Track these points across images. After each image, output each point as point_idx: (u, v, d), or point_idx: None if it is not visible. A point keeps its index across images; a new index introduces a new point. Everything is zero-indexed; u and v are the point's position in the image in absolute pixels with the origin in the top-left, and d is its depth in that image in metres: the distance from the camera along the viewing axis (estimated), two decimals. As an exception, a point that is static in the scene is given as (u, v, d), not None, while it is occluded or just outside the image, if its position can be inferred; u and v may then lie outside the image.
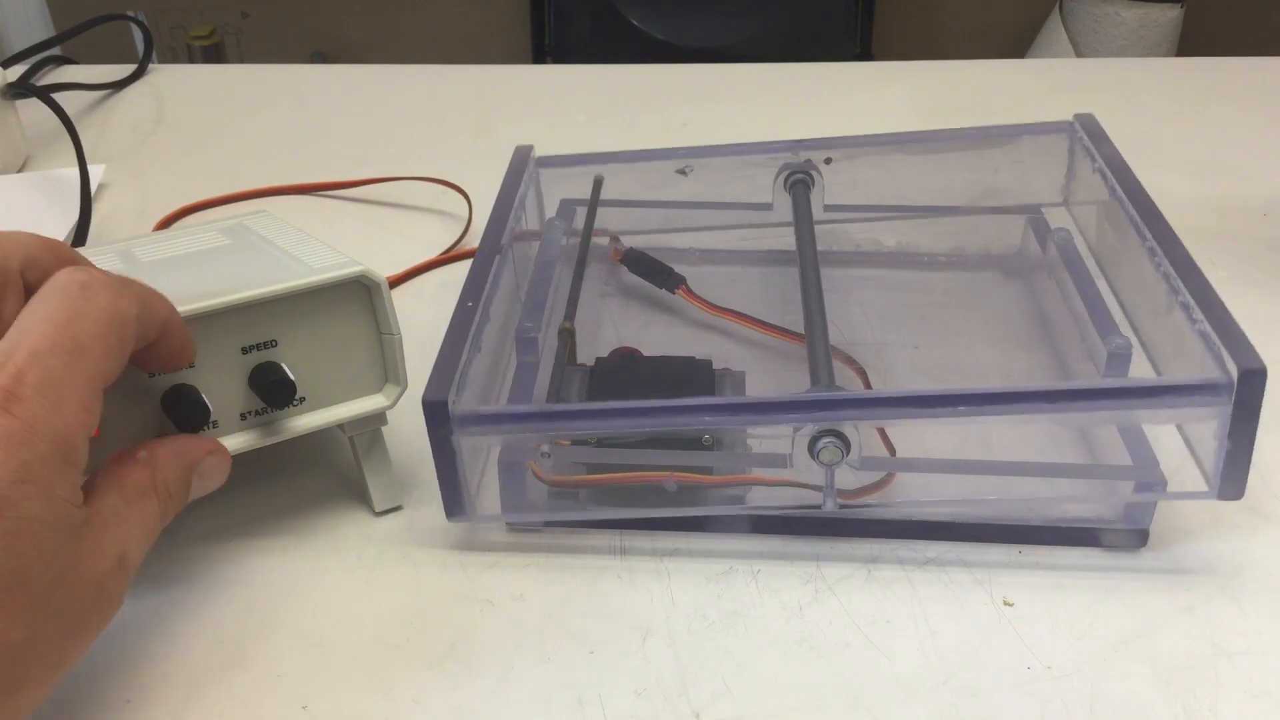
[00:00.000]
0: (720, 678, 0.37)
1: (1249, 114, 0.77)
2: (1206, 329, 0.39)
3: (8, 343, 0.31)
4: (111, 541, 0.32)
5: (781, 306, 0.53)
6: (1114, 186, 0.49)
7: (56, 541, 0.30)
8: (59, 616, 0.31)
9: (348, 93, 0.83)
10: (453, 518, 0.41)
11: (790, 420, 0.39)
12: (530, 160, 0.55)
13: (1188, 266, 0.42)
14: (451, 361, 0.40)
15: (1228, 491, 0.39)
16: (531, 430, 0.40)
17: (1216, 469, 0.38)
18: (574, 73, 0.87)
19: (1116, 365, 0.44)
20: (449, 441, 0.39)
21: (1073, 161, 0.54)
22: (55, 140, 0.73)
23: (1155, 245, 0.44)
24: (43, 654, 0.31)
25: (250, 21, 2.07)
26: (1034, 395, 0.38)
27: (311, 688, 0.37)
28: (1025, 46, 2.01)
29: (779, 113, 0.79)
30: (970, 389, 0.38)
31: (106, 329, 0.32)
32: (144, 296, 0.34)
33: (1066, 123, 0.54)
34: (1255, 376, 0.37)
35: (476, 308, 0.43)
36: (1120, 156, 0.50)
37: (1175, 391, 0.38)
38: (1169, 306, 0.42)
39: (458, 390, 0.39)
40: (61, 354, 0.31)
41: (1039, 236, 0.54)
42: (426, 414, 0.39)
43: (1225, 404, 0.37)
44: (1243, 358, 0.37)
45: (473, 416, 0.39)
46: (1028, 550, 0.42)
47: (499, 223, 0.49)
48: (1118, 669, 0.37)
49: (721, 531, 0.43)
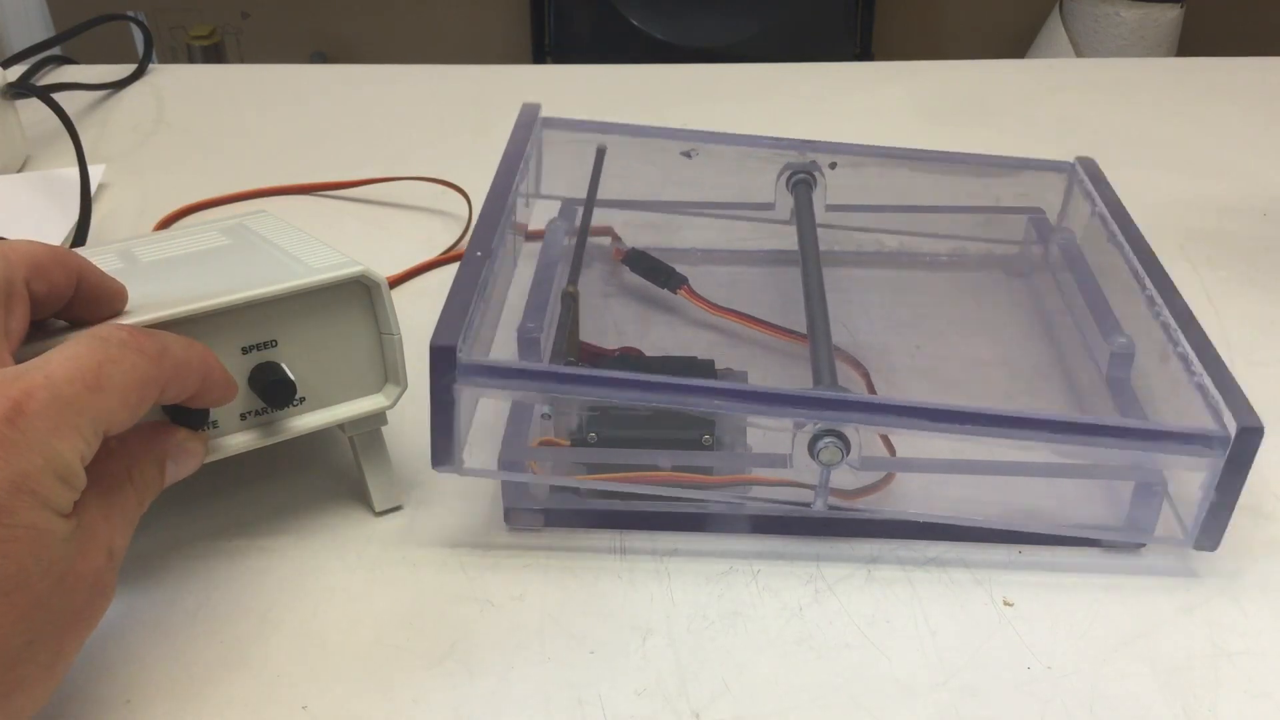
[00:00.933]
0: (720, 678, 0.37)
1: (1249, 114, 0.77)
2: (1205, 382, 0.39)
3: (29, 365, 0.31)
4: (100, 539, 0.33)
5: (784, 307, 0.53)
6: (1114, 232, 0.49)
7: (51, 549, 0.31)
8: (54, 618, 0.31)
9: (348, 93, 0.83)
10: (438, 466, 0.40)
11: (794, 414, 0.38)
12: (537, 119, 0.54)
13: (1186, 318, 0.43)
14: (460, 310, 0.39)
15: (1204, 543, 0.39)
16: (535, 388, 0.39)
17: (1197, 520, 0.39)
18: (574, 73, 0.87)
19: (1119, 364, 0.44)
20: (449, 389, 0.38)
21: (1068, 201, 0.55)
22: (55, 140, 0.73)
23: (1155, 294, 0.44)
24: (40, 654, 0.31)
25: (250, 21, 2.07)
26: (1040, 424, 0.38)
27: (311, 688, 0.37)
28: (1025, 46, 2.01)
29: (779, 113, 0.79)
30: (979, 409, 0.38)
31: (129, 386, 0.33)
32: (180, 364, 0.35)
33: (1066, 163, 0.54)
34: (1252, 435, 0.37)
35: (486, 257, 0.43)
36: (1119, 201, 0.51)
37: (1176, 438, 0.38)
38: (1166, 357, 0.42)
39: (465, 338, 0.39)
40: (78, 386, 0.31)
41: (1041, 236, 0.54)
42: (432, 358, 0.38)
43: (1219, 457, 0.38)
44: (1241, 415, 0.37)
45: (478, 367, 0.38)
46: (1028, 550, 0.42)
47: (505, 179, 0.48)
48: (1118, 669, 0.37)
49: (721, 531, 0.43)
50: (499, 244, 0.44)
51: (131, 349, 0.33)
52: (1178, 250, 0.60)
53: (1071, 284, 0.49)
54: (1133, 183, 0.57)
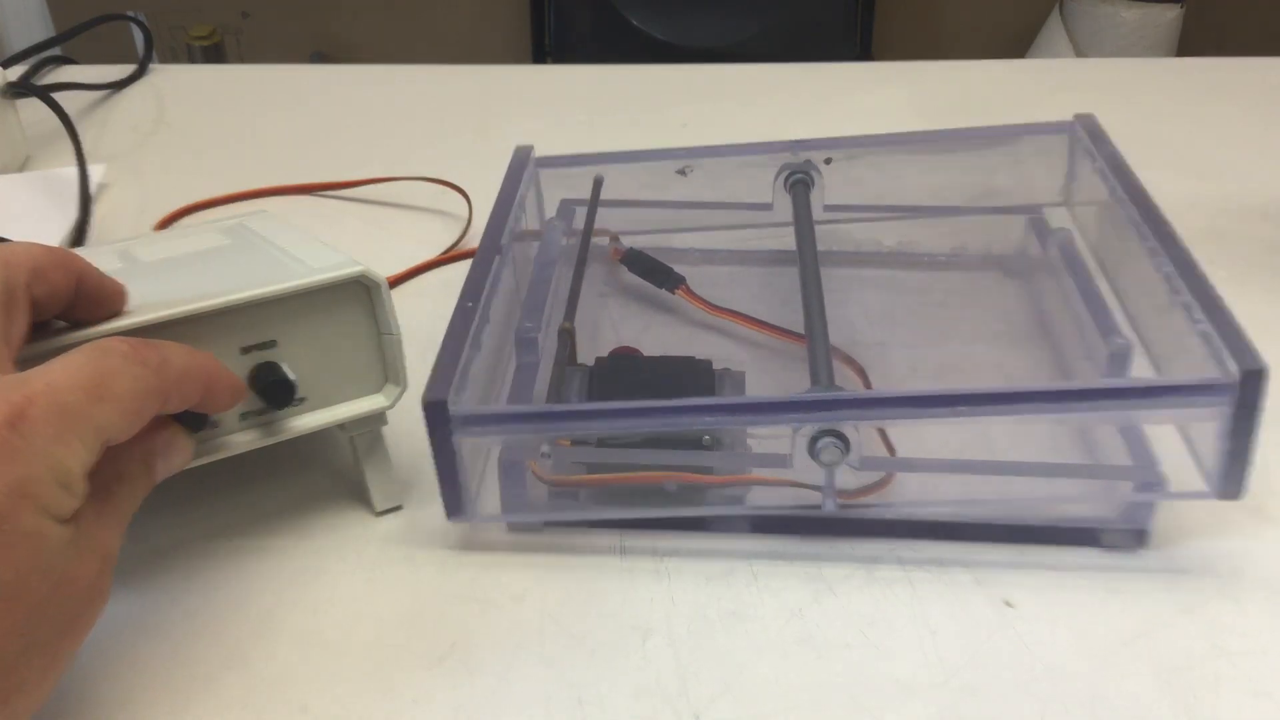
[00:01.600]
0: (720, 678, 0.37)
1: (1249, 114, 0.77)
2: (1208, 329, 0.39)
3: (32, 372, 0.31)
4: (96, 543, 0.33)
5: (781, 307, 0.53)
6: (1114, 187, 0.49)
7: (50, 555, 0.31)
8: (54, 622, 0.31)
9: (348, 93, 0.83)
10: (453, 518, 0.41)
11: (790, 420, 0.39)
12: (530, 160, 0.55)
13: (1188, 267, 0.42)
14: (451, 361, 0.40)
15: (1227, 491, 0.39)
16: (531, 430, 0.40)
17: (1216, 469, 0.38)
18: (574, 73, 0.87)
19: (1117, 365, 0.44)
20: (449, 442, 0.39)
21: (1073, 162, 0.54)
22: (55, 140, 0.73)
23: (1156, 245, 0.44)
24: (37, 658, 0.31)
25: (250, 21, 2.07)
26: (1035, 395, 0.38)
27: (311, 688, 0.37)
28: (1025, 46, 2.01)
29: (779, 113, 0.79)
30: (971, 389, 0.38)
31: (130, 397, 0.33)
32: (182, 375, 0.35)
33: (1067, 123, 0.54)
34: (1256, 377, 0.37)
35: (476, 308, 0.43)
36: (1120, 157, 0.50)
37: (1176, 391, 0.38)
38: (1170, 307, 0.42)
39: (457, 390, 0.39)
40: (79, 394, 0.31)
41: (1039, 236, 0.54)
42: (426, 414, 0.39)
43: (1226, 404, 0.37)
44: (1244, 358, 0.37)
45: (472, 417, 0.39)
46: (1028, 550, 0.42)
47: (499, 222, 0.49)
48: (1118, 669, 0.37)
49: (721, 531, 0.43)
50: (493, 291, 0.45)
51: (133, 361, 0.33)
52: (1177, 250, 0.60)
53: (1069, 284, 0.49)
54: (1132, 183, 0.56)
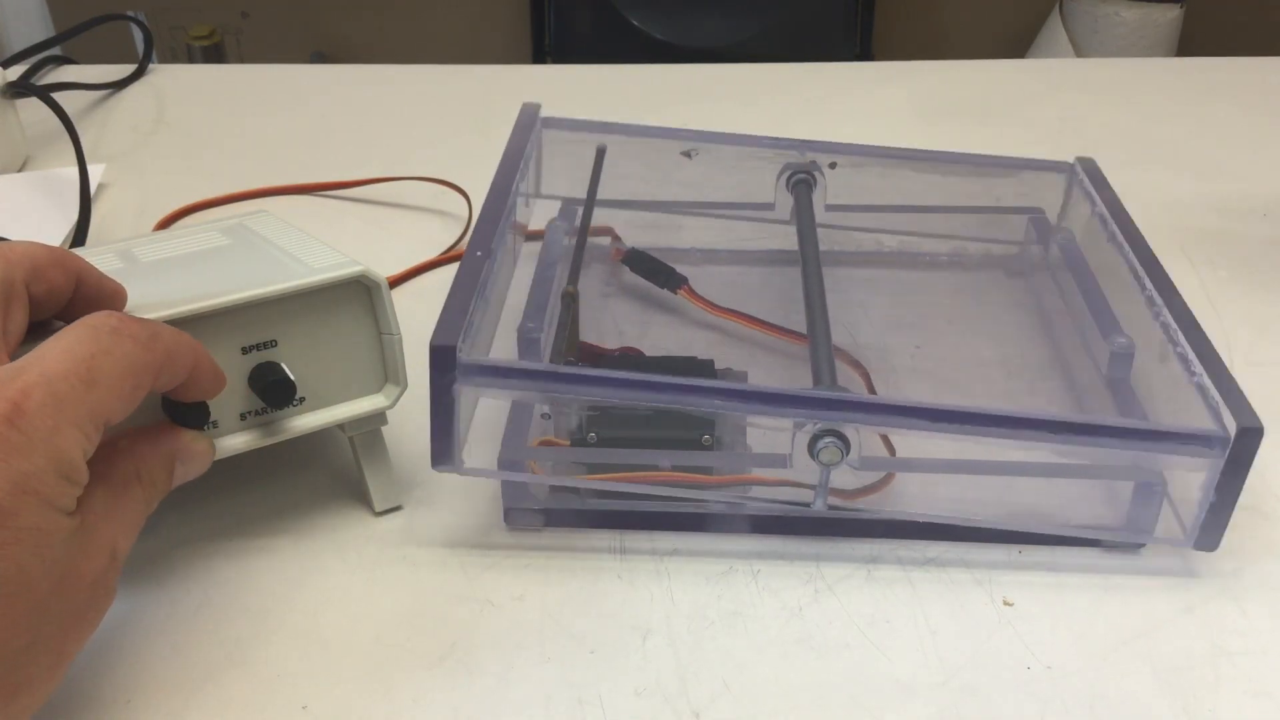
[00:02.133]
0: (720, 678, 0.37)
1: (1249, 114, 0.77)
2: (1205, 382, 0.39)
3: (24, 362, 0.31)
4: (103, 538, 0.33)
5: (784, 307, 0.53)
6: (1113, 232, 0.49)
7: (54, 549, 0.31)
8: (57, 619, 0.31)
9: (348, 93, 0.83)
10: (439, 465, 0.40)
11: (795, 414, 0.38)
12: (537, 120, 0.54)
13: (1186, 318, 0.43)
14: (460, 310, 0.39)
15: (1204, 543, 0.39)
16: (535, 388, 0.39)
17: (1197, 520, 0.39)
18: (574, 73, 0.87)
19: (1119, 364, 0.44)
20: (449, 389, 0.38)
21: (1068, 201, 0.55)
22: (55, 140, 0.73)
23: (1155, 294, 0.44)
24: (41, 655, 0.31)
25: (250, 21, 2.07)
26: (1040, 424, 0.38)
27: (311, 688, 0.37)
28: (1025, 46, 2.01)
29: (779, 113, 0.79)
30: (979, 409, 0.38)
31: (123, 373, 0.33)
32: (171, 349, 0.34)
33: (1066, 163, 0.54)
34: (1252, 435, 0.37)
35: (486, 257, 0.42)
36: (1119, 201, 0.51)
37: (1176, 439, 0.38)
38: (1166, 357, 0.42)
39: (465, 338, 0.39)
40: (73, 381, 0.31)
41: (1041, 236, 0.54)
42: (432, 358, 0.38)
43: (1219, 457, 0.38)
44: (1242, 415, 0.37)
45: (478, 367, 0.38)
46: (1028, 550, 0.42)
47: (505, 179, 0.48)
48: (1118, 669, 0.37)
49: (721, 531, 0.43)
50: (499, 244, 0.44)
51: (123, 336, 0.33)
52: (1178, 250, 0.60)
53: (1071, 284, 0.49)
54: (1133, 183, 0.57)
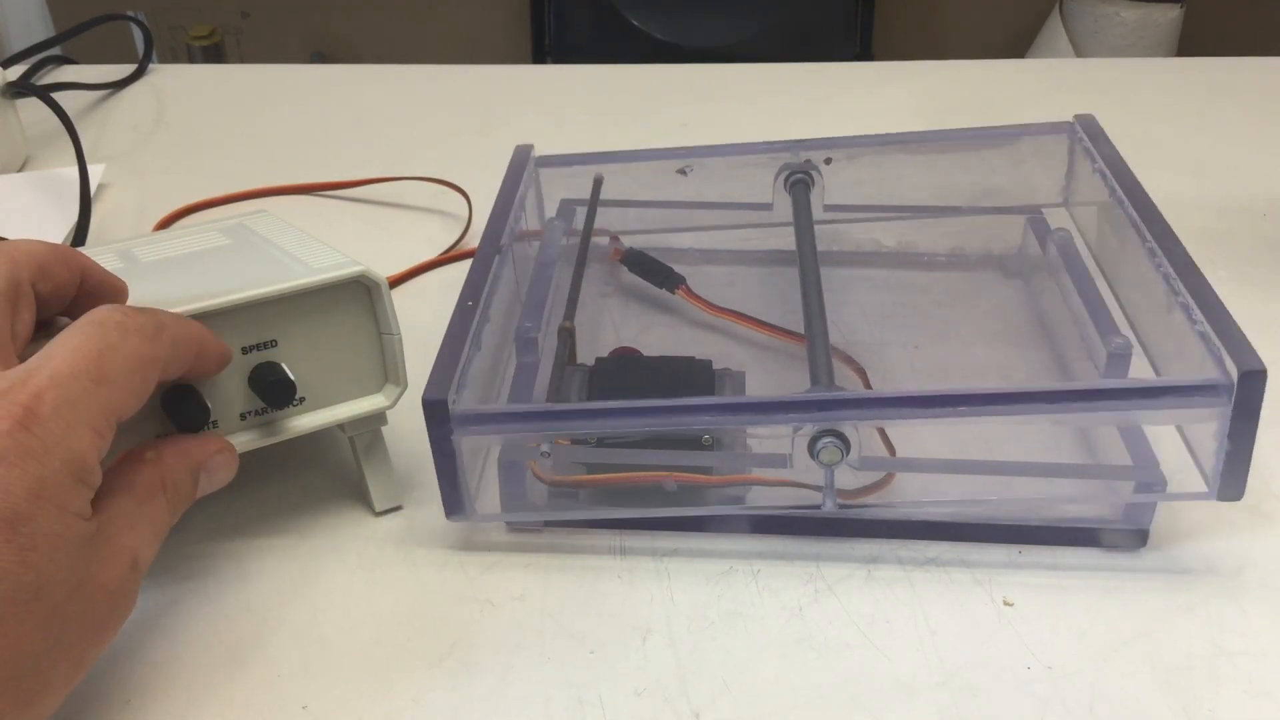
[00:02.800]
0: (720, 678, 0.37)
1: (1249, 114, 0.77)
2: (1206, 330, 0.39)
3: (32, 364, 0.31)
4: (124, 546, 0.33)
5: (781, 306, 0.53)
6: (1114, 187, 0.49)
7: (71, 554, 0.31)
8: (76, 624, 0.31)
9: (348, 93, 0.83)
10: (452, 517, 0.41)
11: (790, 420, 0.39)
12: (530, 160, 0.55)
13: (1188, 267, 0.42)
14: (451, 361, 0.40)
15: (1227, 492, 0.39)
16: (531, 430, 0.40)
17: (1216, 470, 0.38)
18: (574, 73, 0.87)
19: (1116, 365, 0.44)
20: (449, 441, 0.39)
21: (1073, 162, 0.54)
22: (55, 140, 0.73)
23: (1155, 246, 0.44)
24: (60, 662, 0.31)
25: (250, 21, 2.07)
26: (1034, 396, 0.38)
27: (311, 688, 0.37)
28: (1025, 46, 2.01)
29: (779, 113, 0.79)
30: (970, 389, 0.38)
31: (133, 369, 0.33)
32: (176, 338, 0.35)
33: (1066, 123, 0.54)
34: (1255, 378, 0.37)
35: (476, 307, 0.43)
36: (1120, 157, 0.50)
37: (1175, 392, 0.38)
38: (1169, 307, 0.42)
39: (457, 389, 0.39)
40: (84, 380, 0.31)
41: (1039, 237, 0.54)
42: (426, 413, 0.39)
43: (1225, 405, 0.37)
44: (1243, 359, 0.37)
45: (472, 416, 0.39)
46: (1028, 550, 0.42)
47: (499, 222, 0.49)
48: (1118, 669, 0.37)
49: (721, 531, 0.43)
50: (493, 290, 0.45)
51: (129, 330, 0.33)
52: (1177, 250, 0.60)
53: (1069, 284, 0.49)
54: (1132, 183, 0.56)
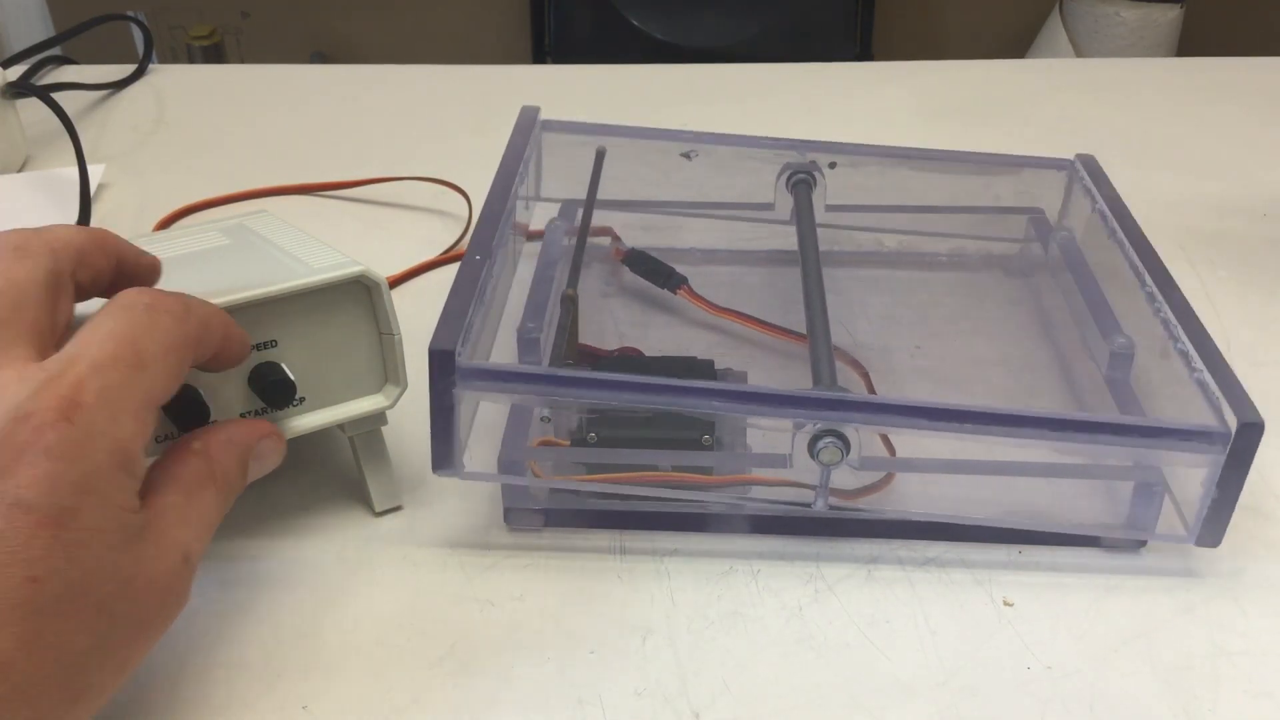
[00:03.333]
0: (720, 678, 0.37)
1: (1249, 114, 0.77)
2: (1206, 378, 0.39)
3: (69, 353, 0.31)
4: (174, 541, 0.32)
5: (783, 307, 0.53)
6: (1114, 229, 0.49)
7: (119, 549, 0.30)
8: (125, 621, 0.31)
9: (348, 93, 0.83)
10: (439, 470, 0.40)
11: (794, 415, 0.38)
12: (536, 122, 0.54)
13: (1187, 314, 0.43)
14: (459, 314, 0.39)
15: (1206, 539, 0.39)
16: (534, 391, 0.39)
17: (1199, 516, 0.39)
18: (574, 73, 0.87)
19: (1119, 364, 0.44)
20: (449, 394, 0.38)
21: (1068, 200, 0.54)
22: (55, 140, 0.73)
23: (1155, 291, 0.44)
24: (108, 659, 0.31)
25: (250, 21, 2.07)
26: (1039, 422, 0.38)
27: (311, 688, 0.37)
28: (1025, 46, 2.01)
29: (779, 113, 0.79)
30: (977, 407, 0.38)
31: (168, 350, 0.32)
32: (205, 320, 0.34)
33: (1066, 160, 0.54)
34: (1253, 430, 0.37)
35: (485, 261, 0.42)
36: (1119, 198, 0.51)
37: (1176, 435, 0.38)
38: (1166, 353, 0.42)
39: (464, 342, 0.39)
40: (122, 367, 0.31)
41: (1041, 236, 0.54)
42: (431, 362, 0.38)
43: (1220, 453, 0.38)
44: (1242, 410, 0.37)
45: (478, 371, 0.38)
46: (1028, 550, 0.42)
47: (505, 181, 0.48)
48: (1118, 669, 0.37)
49: (721, 531, 0.43)
50: (498, 247, 0.44)
51: (159, 311, 0.33)
52: (1178, 250, 0.60)
53: (1071, 284, 0.49)
54: (1133, 183, 0.57)
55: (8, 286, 0.32)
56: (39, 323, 0.32)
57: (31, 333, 0.32)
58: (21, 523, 0.28)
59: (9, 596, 0.28)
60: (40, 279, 0.33)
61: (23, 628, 0.28)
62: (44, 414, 0.29)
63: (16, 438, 0.29)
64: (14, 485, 0.28)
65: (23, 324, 0.32)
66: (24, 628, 0.28)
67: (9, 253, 0.33)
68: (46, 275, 0.33)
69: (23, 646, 0.28)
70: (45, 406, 0.29)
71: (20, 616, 0.28)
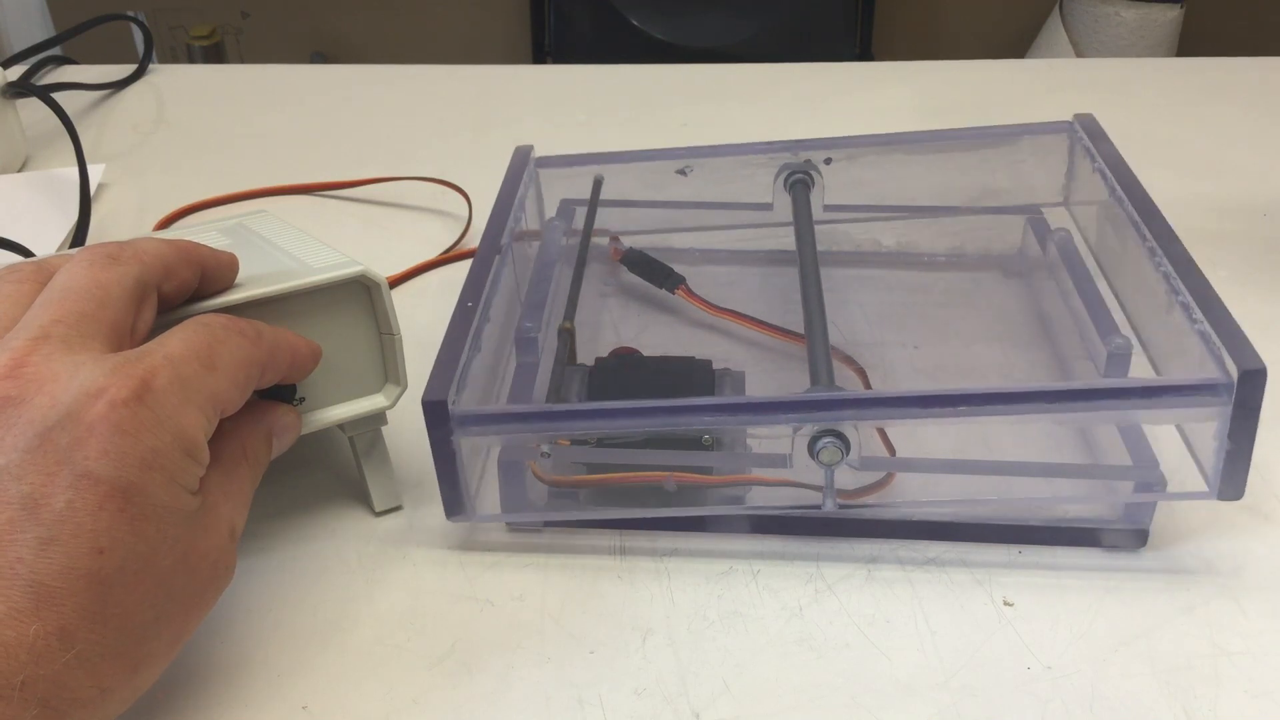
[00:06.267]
0: (720, 678, 0.37)
1: (1249, 114, 0.77)
2: (1206, 329, 0.39)
3: (148, 346, 0.33)
4: (223, 517, 0.34)
5: (781, 306, 0.53)
6: (1114, 186, 0.49)
7: (179, 526, 0.32)
8: (180, 595, 0.32)
9: (348, 93, 0.83)
10: (453, 517, 0.41)
11: (790, 420, 0.39)
12: (530, 160, 0.55)
13: (1187, 266, 0.42)
14: (451, 361, 0.40)
15: (1227, 492, 0.39)
16: (531, 430, 0.40)
17: (1216, 469, 0.38)
18: (574, 73, 0.87)
19: (1116, 365, 0.44)
20: (449, 441, 0.39)
21: (1073, 161, 0.54)
22: (55, 140, 0.73)
23: (1155, 245, 0.44)
24: (164, 631, 0.32)
25: (250, 21, 2.07)
26: (1034, 395, 0.38)
27: (311, 688, 0.37)
28: (1025, 46, 2.01)
29: (779, 113, 0.79)
30: (970, 389, 0.38)
31: (237, 365, 0.34)
32: (274, 345, 0.36)
33: (1066, 123, 0.54)
34: (1255, 377, 0.37)
35: (476, 307, 0.43)
36: (1120, 156, 0.50)
37: (1175, 391, 0.38)
38: (1169, 306, 0.42)
39: (457, 390, 0.39)
40: (195, 364, 0.33)
41: (1039, 236, 0.54)
42: (426, 414, 0.39)
43: (1225, 404, 0.37)
44: (1243, 358, 0.37)
45: (472, 416, 0.39)
46: (1028, 550, 0.42)
47: (499, 222, 0.49)
48: (1118, 669, 0.37)
49: (721, 531, 0.43)
50: (493, 291, 0.45)
51: (233, 331, 0.35)
52: (1177, 250, 0.60)
53: (1069, 284, 0.49)
54: (1132, 183, 0.56)
55: (95, 287, 0.34)
56: (120, 323, 0.34)
57: (112, 331, 0.33)
58: (90, 494, 0.30)
59: (75, 566, 0.29)
60: (128, 285, 0.34)
61: (87, 597, 0.30)
62: (117, 391, 0.31)
63: (89, 412, 0.30)
64: (83, 456, 0.30)
65: (105, 321, 0.33)
66: (88, 597, 0.30)
67: (101, 259, 0.34)
68: (134, 282, 0.35)
69: (86, 617, 0.30)
70: (119, 385, 0.31)
71: (85, 586, 0.29)
